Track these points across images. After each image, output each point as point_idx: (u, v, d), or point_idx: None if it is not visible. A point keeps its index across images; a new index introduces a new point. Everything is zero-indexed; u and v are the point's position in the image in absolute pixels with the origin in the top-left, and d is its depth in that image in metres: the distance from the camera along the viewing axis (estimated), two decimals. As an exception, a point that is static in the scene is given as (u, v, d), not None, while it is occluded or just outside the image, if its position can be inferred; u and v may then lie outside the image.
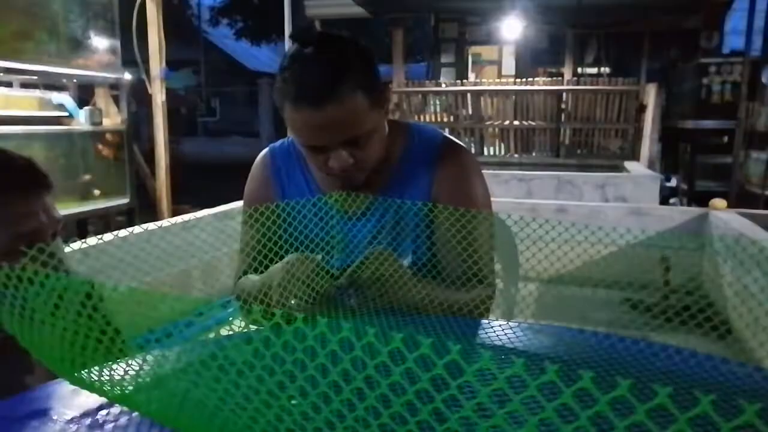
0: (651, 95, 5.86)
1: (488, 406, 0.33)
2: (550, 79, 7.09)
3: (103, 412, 0.64)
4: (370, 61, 0.95)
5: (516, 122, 6.66)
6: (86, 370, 0.57)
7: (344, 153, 0.95)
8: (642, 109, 6.15)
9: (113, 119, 3.83)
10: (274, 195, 1.12)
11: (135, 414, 0.63)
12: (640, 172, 4.45)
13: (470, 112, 6.80)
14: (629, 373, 0.68)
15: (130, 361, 0.56)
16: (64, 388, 0.69)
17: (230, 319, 0.98)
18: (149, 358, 0.55)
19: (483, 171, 1.13)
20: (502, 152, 6.77)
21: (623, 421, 0.29)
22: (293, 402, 0.43)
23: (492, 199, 1.12)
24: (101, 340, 0.55)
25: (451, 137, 1.14)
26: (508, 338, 0.81)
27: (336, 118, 0.90)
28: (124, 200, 3.85)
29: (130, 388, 0.56)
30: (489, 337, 0.83)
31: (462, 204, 1.00)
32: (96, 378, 0.58)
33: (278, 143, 1.17)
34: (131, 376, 0.56)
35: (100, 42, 3.60)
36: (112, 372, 0.57)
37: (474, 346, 0.81)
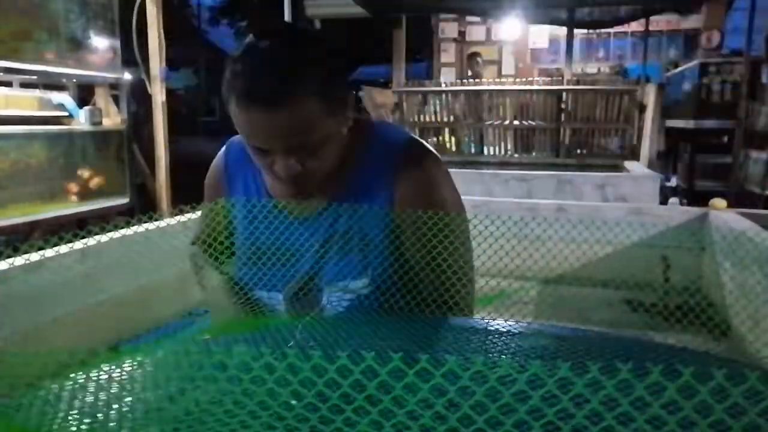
0: (651, 95, 5.85)
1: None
2: (550, 79, 7.09)
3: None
4: (334, 63, 0.86)
5: (516, 122, 6.65)
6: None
7: (291, 159, 0.85)
8: (642, 109, 6.14)
9: (113, 119, 3.83)
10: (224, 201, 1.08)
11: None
12: (640, 172, 4.45)
13: (470, 112, 6.80)
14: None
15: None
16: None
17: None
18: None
19: (483, 171, 1.09)
20: (502, 152, 6.77)
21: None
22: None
23: (492, 198, 1.05)
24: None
25: (417, 138, 1.02)
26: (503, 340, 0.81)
27: (284, 123, 0.80)
28: (124, 200, 3.86)
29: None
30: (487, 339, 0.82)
31: (429, 209, 0.92)
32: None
33: (237, 138, 1.06)
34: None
35: (100, 42, 3.60)
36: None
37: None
